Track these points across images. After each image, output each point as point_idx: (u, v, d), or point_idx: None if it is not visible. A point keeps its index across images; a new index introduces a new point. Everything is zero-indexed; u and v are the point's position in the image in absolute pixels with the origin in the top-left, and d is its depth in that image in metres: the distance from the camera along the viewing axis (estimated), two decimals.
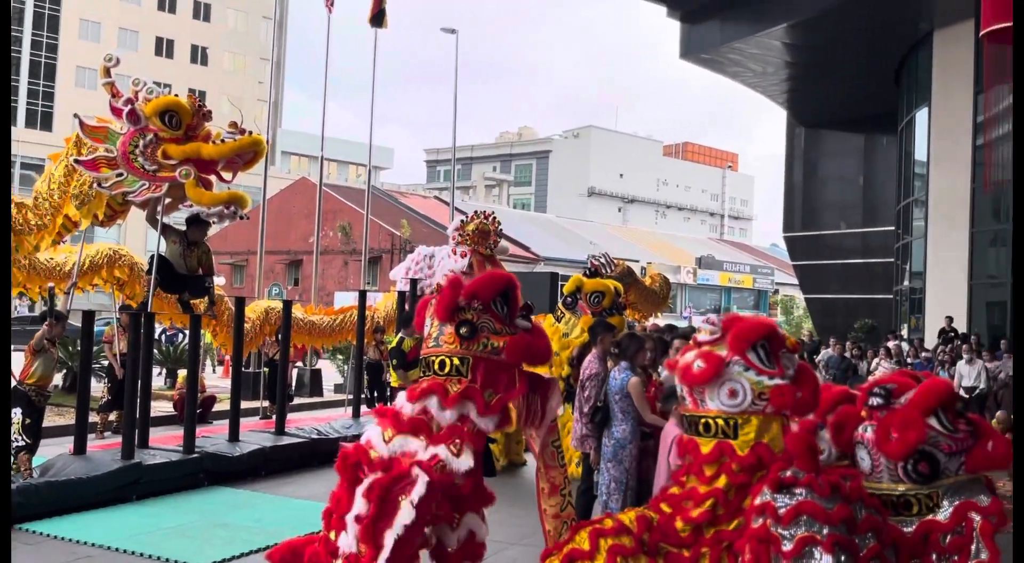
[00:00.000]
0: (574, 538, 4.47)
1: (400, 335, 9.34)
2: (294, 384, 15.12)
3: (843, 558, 3.86)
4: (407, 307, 11.20)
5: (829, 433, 4.65)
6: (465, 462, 4.33)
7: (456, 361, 4.52)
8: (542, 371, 5.25)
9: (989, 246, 19.04)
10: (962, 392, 13.12)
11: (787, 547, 3.96)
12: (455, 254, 11.64)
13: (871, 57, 22.67)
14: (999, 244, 18.72)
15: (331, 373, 18.33)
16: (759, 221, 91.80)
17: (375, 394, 13.14)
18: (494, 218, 9.93)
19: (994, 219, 18.76)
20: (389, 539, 4.23)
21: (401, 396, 4.64)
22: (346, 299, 27.48)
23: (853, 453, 4.58)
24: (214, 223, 8.57)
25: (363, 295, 11.49)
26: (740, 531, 4.18)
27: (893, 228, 24.88)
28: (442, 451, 4.33)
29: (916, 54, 21.58)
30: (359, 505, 4.33)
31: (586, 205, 67.92)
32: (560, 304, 8.89)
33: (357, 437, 10.13)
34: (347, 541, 4.40)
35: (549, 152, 72.62)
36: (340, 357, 17.66)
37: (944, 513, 4.23)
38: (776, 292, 56.62)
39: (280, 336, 10.77)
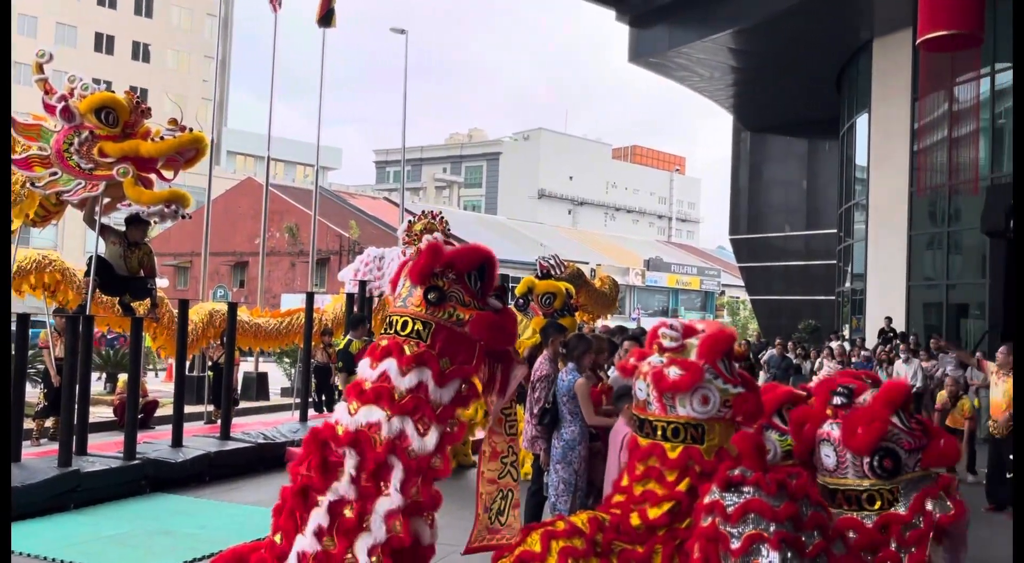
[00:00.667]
0: (525, 540, 4.48)
1: (348, 337, 9.25)
2: (240, 388, 14.84)
3: (789, 555, 3.94)
4: (356, 309, 11.10)
5: (790, 431, 4.77)
6: (431, 441, 4.31)
7: (419, 325, 4.49)
8: None
9: (926, 249, 19.63)
10: None
11: (735, 545, 4.03)
12: (404, 255, 11.58)
13: (814, 64, 23.21)
14: (935, 247, 19.31)
15: (278, 376, 18.05)
16: (706, 224, 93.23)
17: (323, 398, 12.97)
18: (442, 218, 9.91)
19: (930, 222, 19.35)
20: (376, 523, 4.18)
21: (363, 363, 4.58)
22: (293, 301, 27.10)
23: (811, 452, 4.71)
24: (155, 223, 8.37)
25: (311, 297, 11.33)
26: (691, 529, 4.25)
27: (835, 231, 25.49)
28: (409, 428, 4.30)
29: (857, 61, 22.16)
30: (346, 489, 4.25)
31: (536, 207, 68.18)
32: (511, 306, 8.90)
33: None
34: (306, 541, 4.28)
35: (499, 154, 72.69)
36: (287, 360, 17.40)
37: (902, 507, 4.39)
38: (723, 293, 57.57)
39: (225, 339, 10.56)
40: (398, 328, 4.53)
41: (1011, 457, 8.21)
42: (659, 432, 4.73)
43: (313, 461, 4.41)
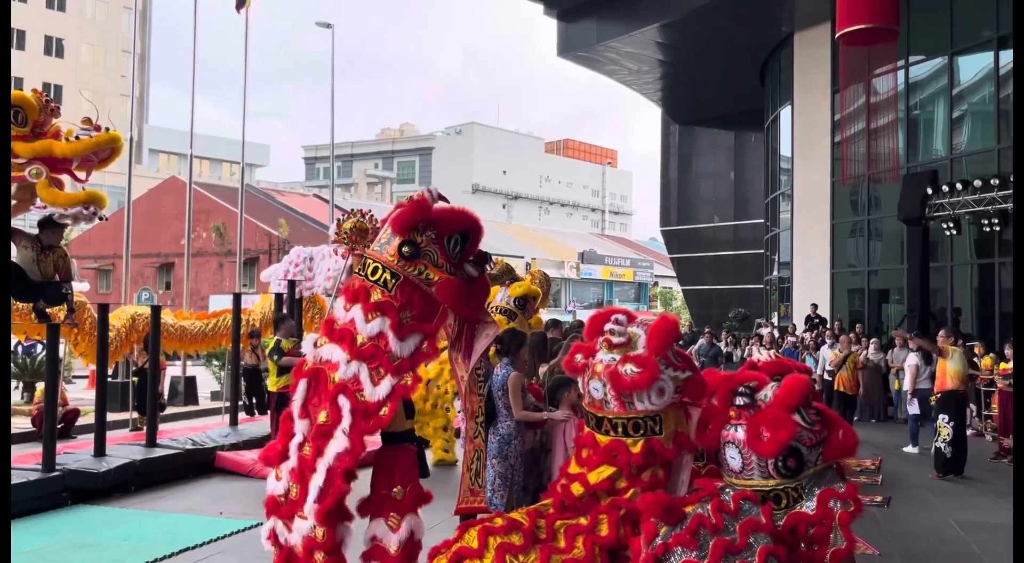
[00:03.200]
0: (463, 536, 4.45)
1: (277, 337, 9.05)
2: (166, 393, 14.40)
3: None
4: (284, 309, 10.87)
5: (694, 431, 4.84)
6: (382, 390, 4.35)
7: (387, 274, 4.51)
8: None
9: (848, 237, 20.25)
10: (825, 375, 13.91)
11: None
12: (335, 254, 11.42)
13: (738, 57, 23.69)
14: (857, 235, 19.94)
15: (207, 380, 17.57)
16: (638, 216, 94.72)
17: (253, 400, 12.68)
18: (371, 215, 9.78)
19: (852, 211, 19.97)
20: (321, 466, 4.24)
21: (339, 301, 4.66)
22: (221, 303, 26.40)
23: (718, 451, 4.79)
24: (70, 225, 8.03)
25: (238, 298, 11.04)
26: (635, 499, 4.31)
27: (763, 221, 26.11)
28: (363, 374, 4.35)
29: (779, 55, 22.70)
30: (298, 426, 4.42)
31: (470, 202, 67.74)
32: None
33: (235, 445, 9.76)
34: (275, 484, 4.47)
35: (432, 149, 72.29)
36: (216, 363, 16.95)
37: (809, 504, 4.51)
38: (655, 284, 58.45)
39: (149, 343, 10.21)
40: (368, 272, 4.56)
41: (940, 413, 9.21)
42: (619, 429, 4.77)
43: (293, 389, 4.62)
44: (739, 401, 4.77)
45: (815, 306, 18.31)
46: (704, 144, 31.72)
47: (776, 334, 17.03)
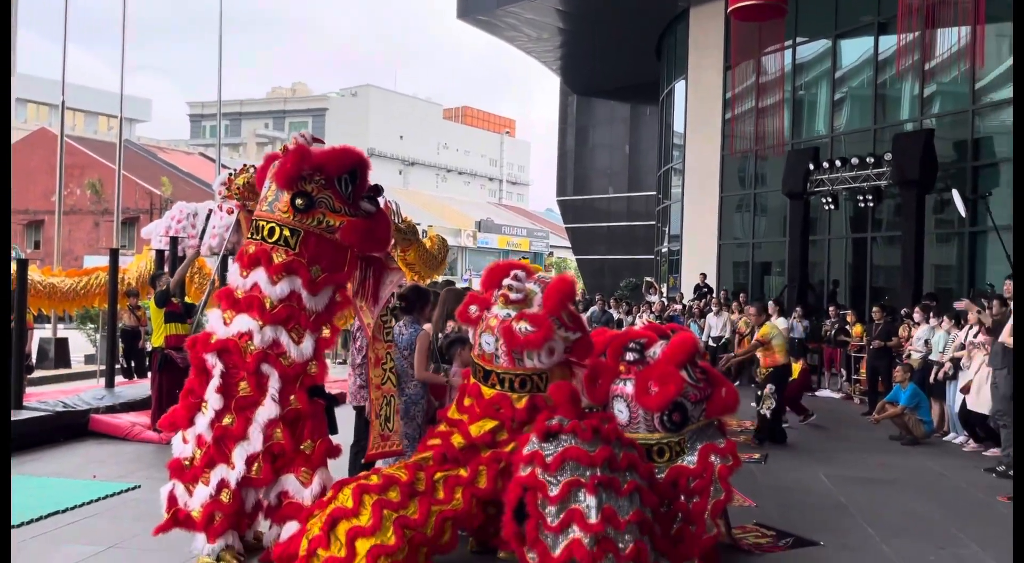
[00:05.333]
0: (337, 496, 4.38)
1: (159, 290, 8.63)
2: (34, 356, 13.56)
3: (604, 496, 4.08)
4: (167, 268, 10.37)
5: (584, 385, 4.92)
6: (306, 349, 4.32)
7: (287, 232, 4.35)
8: None
9: (735, 211, 20.97)
10: (710, 341, 14.41)
11: (554, 492, 4.13)
12: (221, 210, 10.94)
13: (636, 29, 23.95)
14: (743, 209, 20.67)
15: (81, 343, 16.65)
16: (536, 186, 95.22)
17: (132, 363, 12.10)
18: None
19: (739, 186, 20.67)
20: (254, 432, 4.22)
21: (234, 268, 4.46)
22: (97, 264, 25.07)
23: (607, 405, 4.89)
24: None
25: (115, 254, 10.43)
26: (515, 453, 4.34)
27: (655, 193, 26.70)
28: (283, 337, 4.28)
29: (675, 29, 23.09)
30: (212, 398, 4.34)
31: None
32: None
33: (111, 408, 9.29)
34: (181, 447, 4.43)
35: (325, 110, 70.28)
36: (91, 325, 16.08)
37: (691, 458, 4.67)
38: (551, 254, 59.17)
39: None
40: (264, 234, 4.38)
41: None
42: (506, 384, 4.76)
43: (193, 367, 4.50)
44: (629, 356, 4.88)
45: (704, 275, 18.93)
46: (601, 115, 32.09)
47: (665, 302, 17.52)
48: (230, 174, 9.90)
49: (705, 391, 4.87)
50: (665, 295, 20.34)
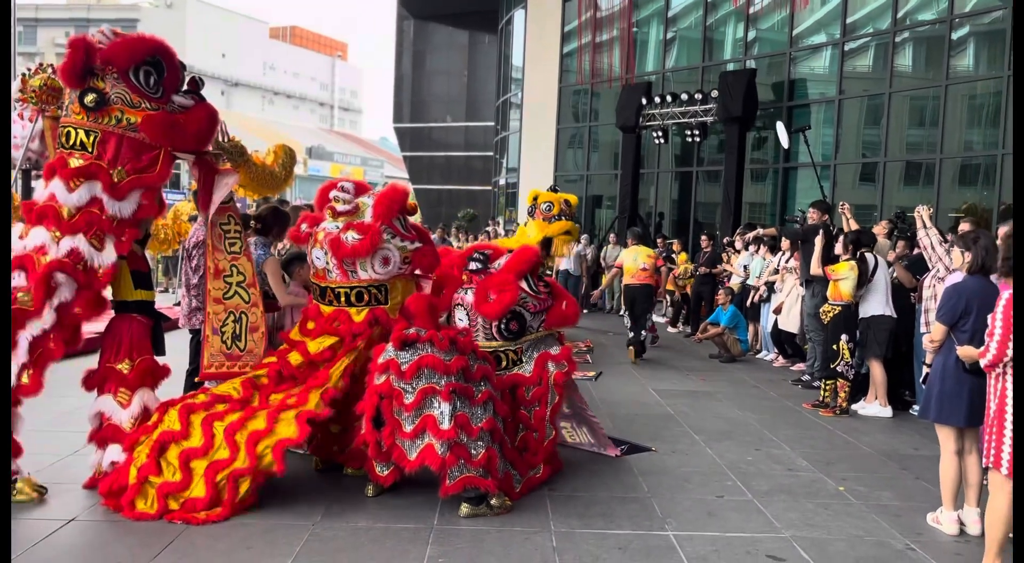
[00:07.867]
0: (163, 420, 4.21)
1: None
2: None
3: (459, 403, 4.14)
4: None
5: (430, 292, 4.91)
6: (108, 256, 4.06)
7: (82, 134, 4.05)
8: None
9: (569, 146, 21.41)
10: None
11: (409, 400, 4.14)
12: (21, 119, 9.86)
13: None
14: (576, 145, 21.14)
15: None
16: (370, 115, 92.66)
17: None
18: None
19: (573, 120, 21.08)
20: (22, 342, 3.94)
21: (37, 185, 4.20)
22: None
23: (450, 315, 4.92)
24: None
25: None
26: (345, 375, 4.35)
27: (493, 124, 26.73)
28: (82, 244, 3.97)
29: None
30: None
31: None
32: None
33: None
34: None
35: (137, 21, 64.25)
36: None
37: (528, 367, 4.80)
38: (386, 184, 58.27)
39: None
40: (63, 140, 4.09)
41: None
42: (343, 298, 4.64)
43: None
44: (472, 265, 4.91)
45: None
46: (439, 41, 31.53)
47: (502, 233, 17.75)
48: (24, 75, 8.90)
49: (546, 303, 4.96)
50: (503, 226, 20.59)
